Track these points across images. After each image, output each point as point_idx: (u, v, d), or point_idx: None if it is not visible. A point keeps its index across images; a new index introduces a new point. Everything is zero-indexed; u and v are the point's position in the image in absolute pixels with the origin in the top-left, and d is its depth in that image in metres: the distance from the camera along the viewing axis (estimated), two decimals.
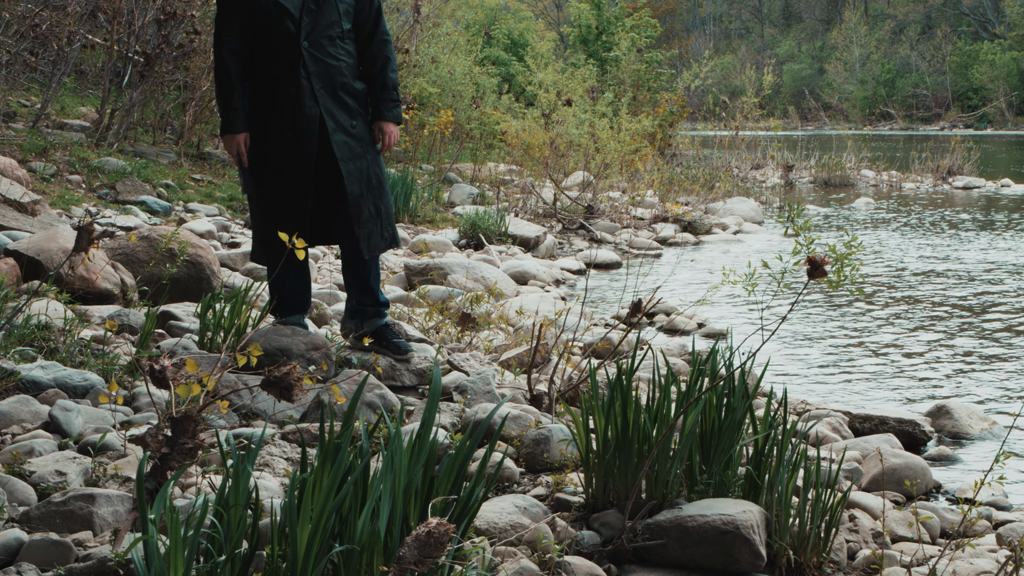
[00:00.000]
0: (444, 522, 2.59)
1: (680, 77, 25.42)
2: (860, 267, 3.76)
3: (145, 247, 6.10)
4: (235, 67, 4.79)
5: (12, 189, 7.04)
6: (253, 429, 4.01)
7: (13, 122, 10.85)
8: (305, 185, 4.83)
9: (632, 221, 13.18)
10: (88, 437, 3.72)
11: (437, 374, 3.07)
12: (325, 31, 4.82)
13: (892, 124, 55.33)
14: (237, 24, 4.78)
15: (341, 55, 4.87)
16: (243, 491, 2.68)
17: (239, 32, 4.79)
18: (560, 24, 50.88)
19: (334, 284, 7.63)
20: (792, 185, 20.74)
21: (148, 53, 11.11)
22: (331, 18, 4.83)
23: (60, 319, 4.78)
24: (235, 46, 4.79)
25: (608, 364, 4.92)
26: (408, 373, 5.00)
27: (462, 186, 13.78)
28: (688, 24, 76.82)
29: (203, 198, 10.06)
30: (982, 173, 22.81)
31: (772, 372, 6.26)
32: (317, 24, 4.80)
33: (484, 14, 26.33)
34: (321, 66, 4.81)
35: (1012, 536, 4.10)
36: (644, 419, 3.61)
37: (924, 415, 5.71)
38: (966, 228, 14.43)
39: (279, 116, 4.80)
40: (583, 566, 3.28)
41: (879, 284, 10.00)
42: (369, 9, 4.96)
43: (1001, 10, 63.07)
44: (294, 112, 4.79)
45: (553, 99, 15.79)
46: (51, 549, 2.90)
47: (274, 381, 3.35)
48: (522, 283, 9.17)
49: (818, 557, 3.57)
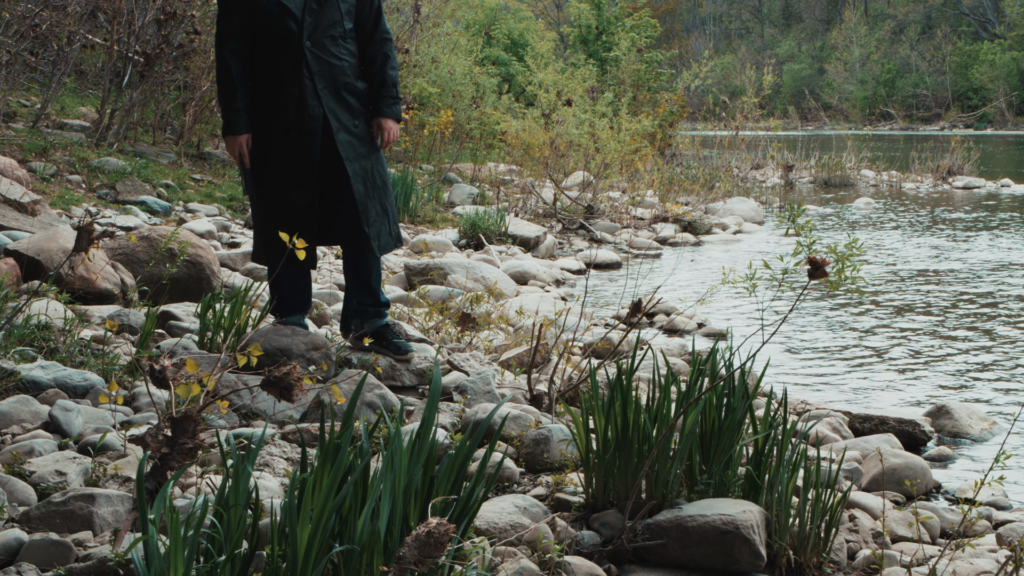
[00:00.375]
0: (444, 522, 2.59)
1: (680, 77, 25.42)
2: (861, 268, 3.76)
3: (145, 247, 6.10)
4: (236, 67, 4.79)
5: (12, 189, 7.04)
6: (253, 429, 4.01)
7: (13, 122, 10.85)
8: (310, 185, 4.83)
9: (632, 221, 13.18)
10: (88, 437, 3.72)
11: (437, 374, 3.07)
12: (327, 31, 4.81)
13: (892, 124, 55.34)
14: (238, 24, 4.78)
15: (343, 55, 4.87)
16: (243, 491, 2.68)
17: (240, 32, 4.78)
18: (560, 24, 50.88)
19: (334, 284, 7.63)
20: (792, 185, 20.74)
21: (148, 53, 11.10)
22: (333, 17, 4.83)
23: (60, 319, 4.78)
24: (236, 46, 4.79)
25: (608, 364, 4.92)
26: (408, 373, 5.00)
27: (462, 186, 13.78)
28: (688, 24, 76.84)
29: (203, 198, 10.06)
30: (982, 173, 22.81)
31: (772, 372, 6.26)
32: (319, 24, 4.79)
33: (484, 14, 26.32)
34: (324, 66, 4.80)
35: (1012, 536, 4.10)
36: (644, 419, 3.61)
37: (924, 415, 5.71)
38: (966, 228, 14.43)
39: (282, 116, 4.80)
40: (583, 566, 3.28)
41: (879, 284, 10.00)
42: (369, 8, 4.96)
43: (1001, 10, 63.09)
44: (297, 112, 4.79)
45: (553, 99, 15.79)
46: (51, 549, 2.90)
47: (274, 381, 3.35)
48: (522, 283, 9.17)
49: (818, 557, 3.57)
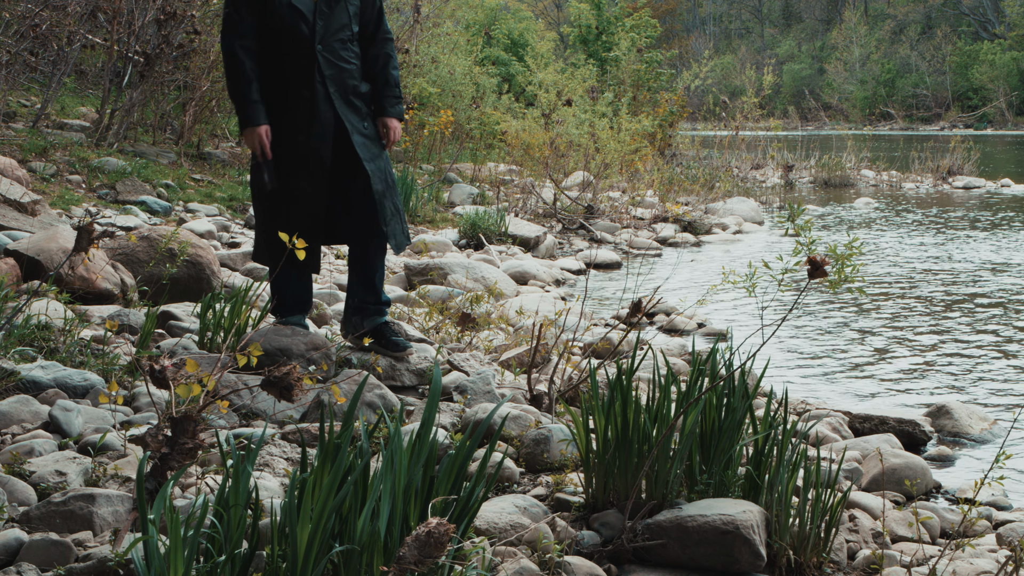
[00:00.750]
0: (444, 522, 2.59)
1: (680, 77, 25.41)
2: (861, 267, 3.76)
3: (145, 247, 6.10)
4: (249, 62, 4.76)
5: (12, 189, 7.04)
6: (253, 429, 4.01)
7: (13, 122, 10.85)
8: (319, 189, 4.85)
9: (632, 221, 13.18)
10: (88, 437, 3.72)
11: (437, 374, 3.07)
12: (337, 34, 4.82)
13: (892, 124, 55.34)
14: (248, 24, 4.76)
15: (351, 58, 4.88)
16: (243, 491, 2.68)
17: (250, 30, 4.77)
18: (560, 24, 50.88)
19: (334, 284, 7.63)
20: (792, 185, 20.74)
21: (148, 53, 11.10)
22: (342, 21, 4.84)
23: (60, 319, 4.78)
24: (247, 43, 4.76)
25: (608, 364, 4.92)
26: (408, 373, 5.00)
27: (462, 186, 13.78)
28: (688, 24, 76.83)
29: (203, 198, 10.06)
30: (982, 173, 22.81)
31: (772, 372, 6.26)
32: (330, 27, 4.80)
33: (484, 14, 26.32)
34: (334, 69, 4.82)
35: (1012, 536, 4.10)
36: (644, 419, 3.61)
37: (924, 415, 5.71)
38: (966, 228, 14.43)
39: (290, 116, 4.81)
40: (583, 566, 3.28)
41: (879, 284, 10.00)
42: (372, 9, 4.97)
43: (1001, 10, 63.08)
44: (308, 116, 4.80)
45: (553, 99, 15.78)
46: (51, 549, 2.90)
47: (274, 381, 3.35)
48: (522, 283, 9.17)
49: (818, 557, 3.57)
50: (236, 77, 4.77)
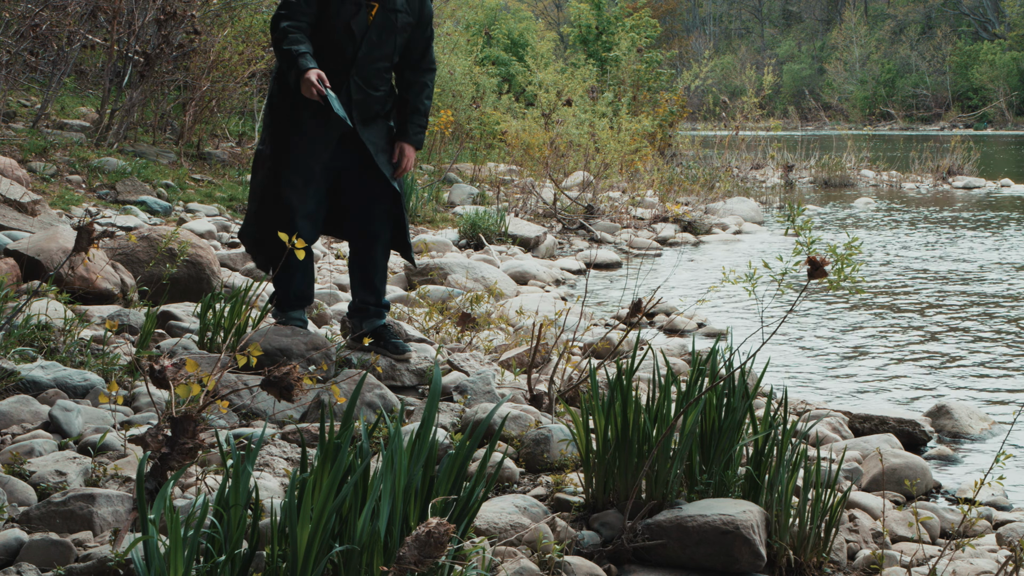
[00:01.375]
0: (444, 522, 2.59)
1: (680, 77, 25.42)
2: (861, 267, 3.76)
3: (145, 247, 6.10)
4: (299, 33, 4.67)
5: (12, 189, 7.04)
6: (253, 429, 4.01)
7: (13, 122, 10.85)
8: (319, 194, 4.91)
9: (632, 221, 13.18)
10: (88, 437, 3.72)
11: (437, 374, 3.07)
12: (376, 63, 4.84)
13: (892, 124, 55.36)
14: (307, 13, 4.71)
15: (382, 86, 4.92)
16: (243, 491, 2.68)
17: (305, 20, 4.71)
18: (560, 24, 50.87)
19: (334, 284, 7.63)
20: (792, 185, 20.74)
21: (148, 53, 11.10)
22: (386, 51, 4.85)
23: (60, 319, 4.78)
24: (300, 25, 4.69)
25: (608, 364, 4.92)
26: (408, 373, 5.00)
27: (462, 186, 13.78)
28: (688, 24, 76.83)
29: (203, 198, 10.06)
30: (982, 173, 22.82)
31: (772, 372, 6.26)
32: (371, 55, 4.81)
33: (484, 14, 26.31)
34: (362, 95, 4.85)
35: (1012, 536, 4.10)
36: (644, 419, 3.61)
37: (924, 415, 5.71)
38: (966, 228, 14.43)
39: (317, 116, 4.80)
40: (583, 566, 3.28)
41: (879, 284, 10.00)
42: (421, 37, 4.99)
43: (1001, 10, 63.09)
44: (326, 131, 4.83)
45: (553, 99, 15.78)
46: (51, 549, 2.90)
47: (274, 381, 3.35)
48: (522, 283, 9.17)
49: (818, 557, 3.57)
50: (285, 36, 4.64)
